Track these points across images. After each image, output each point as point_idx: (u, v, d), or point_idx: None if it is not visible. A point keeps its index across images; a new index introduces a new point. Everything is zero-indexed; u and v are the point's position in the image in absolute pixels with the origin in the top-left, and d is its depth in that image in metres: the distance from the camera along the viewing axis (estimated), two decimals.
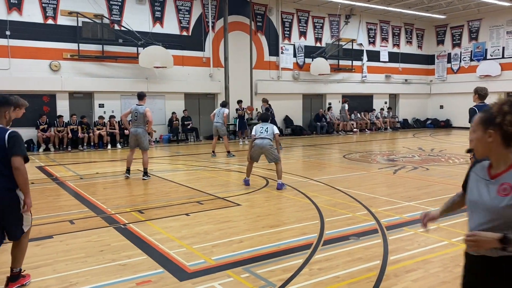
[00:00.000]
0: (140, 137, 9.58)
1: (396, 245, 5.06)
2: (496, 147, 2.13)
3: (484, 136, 2.14)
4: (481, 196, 2.20)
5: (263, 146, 8.38)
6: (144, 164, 9.64)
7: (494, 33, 24.63)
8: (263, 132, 8.44)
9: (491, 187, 2.15)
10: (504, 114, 2.06)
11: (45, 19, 16.37)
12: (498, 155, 2.14)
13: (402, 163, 11.80)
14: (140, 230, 5.75)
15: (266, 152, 8.44)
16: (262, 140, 8.38)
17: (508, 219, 2.06)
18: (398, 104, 27.31)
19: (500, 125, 2.07)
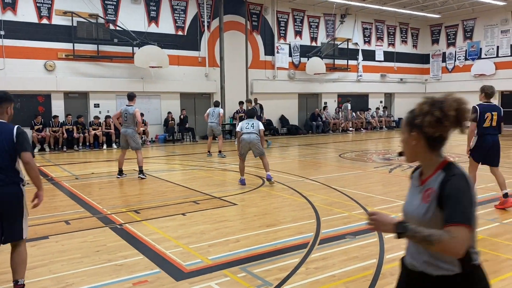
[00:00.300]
0: (130, 138, 9.64)
1: (392, 243, 5.08)
2: (421, 150, 1.94)
3: (409, 139, 1.96)
4: (411, 204, 2.01)
5: (250, 141, 8.60)
6: (139, 162, 9.66)
7: (488, 32, 24.75)
8: (249, 128, 8.67)
9: (419, 194, 1.97)
10: (424, 115, 1.88)
11: (40, 19, 16.30)
12: (424, 159, 1.97)
13: (398, 162, 11.84)
14: (136, 230, 5.74)
15: (253, 147, 8.69)
16: (249, 135, 8.62)
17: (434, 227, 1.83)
18: (393, 103, 27.40)
19: (420, 127, 1.88)
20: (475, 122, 6.49)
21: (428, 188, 1.90)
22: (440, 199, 1.83)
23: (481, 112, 6.53)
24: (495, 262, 4.50)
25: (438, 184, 1.85)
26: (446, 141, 1.94)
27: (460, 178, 1.84)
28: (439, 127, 1.85)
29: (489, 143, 6.58)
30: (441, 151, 1.95)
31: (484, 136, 6.56)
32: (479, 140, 6.61)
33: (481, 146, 6.60)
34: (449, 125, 1.86)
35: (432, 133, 1.87)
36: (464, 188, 1.82)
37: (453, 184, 1.82)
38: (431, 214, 1.86)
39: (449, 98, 1.88)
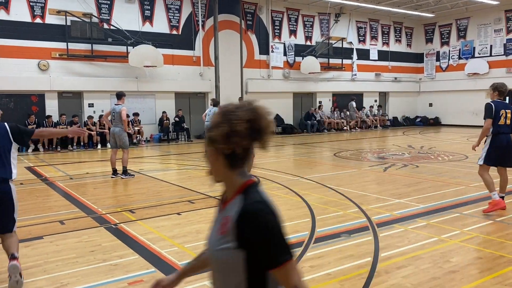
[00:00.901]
0: (117, 136, 9.77)
1: (387, 242, 5.11)
2: (220, 168, 1.62)
3: (210, 155, 1.64)
4: (211, 234, 1.69)
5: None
6: (123, 162, 9.71)
7: (482, 32, 24.89)
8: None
9: (218, 222, 1.66)
10: (216, 127, 1.56)
11: (33, 18, 16.20)
12: (225, 179, 1.65)
13: (392, 161, 11.89)
14: (131, 229, 5.73)
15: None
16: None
17: (226, 269, 1.55)
18: (388, 102, 27.49)
19: (215, 142, 1.57)
20: (491, 119, 6.16)
21: (226, 215, 1.59)
22: (241, 240, 1.51)
23: (496, 109, 6.20)
24: (489, 260, 4.54)
25: (235, 213, 1.54)
26: (249, 157, 1.62)
27: (259, 212, 1.52)
28: (229, 143, 1.53)
29: (504, 142, 6.23)
30: (244, 170, 1.62)
31: (499, 135, 6.22)
32: (494, 140, 6.23)
33: (496, 146, 6.22)
34: (241, 141, 1.53)
35: (224, 150, 1.56)
36: (267, 223, 1.52)
37: (254, 224, 1.50)
38: (226, 250, 1.54)
39: (242, 108, 1.56)
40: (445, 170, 10.20)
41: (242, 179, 1.61)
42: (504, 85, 6.34)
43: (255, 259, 1.51)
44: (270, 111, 1.62)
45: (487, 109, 6.21)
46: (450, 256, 4.63)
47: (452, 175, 9.54)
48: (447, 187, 8.29)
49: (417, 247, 4.92)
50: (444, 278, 4.06)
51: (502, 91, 6.28)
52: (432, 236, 5.29)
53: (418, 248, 4.87)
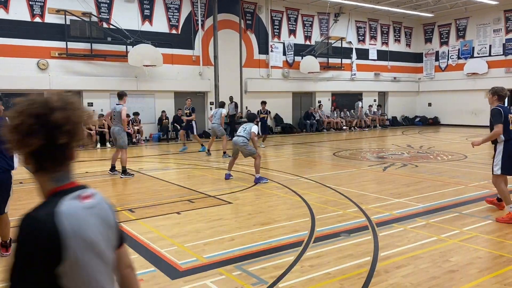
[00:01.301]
0: (116, 135, 9.76)
1: (386, 241, 5.11)
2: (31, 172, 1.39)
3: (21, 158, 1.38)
4: None
5: (236, 143, 9.01)
6: (122, 162, 9.70)
7: (481, 31, 24.91)
8: (241, 131, 9.12)
9: None
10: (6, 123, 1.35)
11: (33, 17, 16.18)
12: (38, 185, 1.42)
13: (392, 161, 11.90)
14: (131, 229, 5.73)
15: (240, 148, 8.99)
16: (237, 138, 9.04)
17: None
18: (387, 102, 27.51)
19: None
20: (501, 124, 5.76)
21: None
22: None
23: (505, 114, 5.83)
24: (488, 259, 4.54)
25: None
26: (64, 159, 1.39)
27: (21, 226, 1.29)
28: (15, 142, 1.32)
29: None
30: (60, 174, 1.39)
31: (510, 140, 5.86)
32: (507, 147, 5.86)
33: (510, 153, 5.87)
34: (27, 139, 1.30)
35: (13, 149, 1.33)
36: (19, 242, 1.28)
37: (16, 237, 1.28)
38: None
39: (34, 102, 1.34)
40: (444, 170, 10.21)
41: (52, 184, 1.37)
42: (503, 89, 6.07)
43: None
44: (77, 104, 1.38)
45: (496, 113, 5.84)
46: (450, 255, 4.63)
47: (451, 174, 9.55)
48: (446, 186, 8.29)
49: (417, 246, 4.93)
50: (444, 278, 4.07)
51: (502, 96, 6.02)
52: (432, 236, 5.30)
53: (417, 248, 4.88)
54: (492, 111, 5.90)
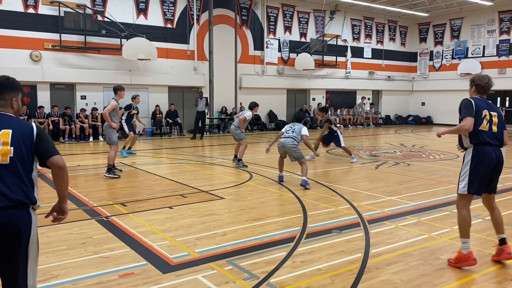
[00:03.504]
0: (105, 131, 9.31)
1: (378, 238, 5.14)
2: None
3: None
4: None
5: (285, 145, 8.37)
6: (108, 159, 9.06)
7: (475, 32, 25.06)
8: (289, 132, 8.49)
9: None
10: None
11: (26, 8, 16.02)
12: None
13: (384, 159, 11.96)
14: (122, 222, 5.71)
15: (288, 151, 8.39)
16: (285, 139, 8.40)
17: None
18: (380, 100, 27.61)
19: None
20: (472, 117, 4.14)
21: None
22: None
23: (477, 108, 4.19)
24: (478, 258, 4.57)
25: None
26: None
27: None
28: None
29: (492, 158, 4.19)
30: None
31: (483, 146, 4.19)
32: (476, 154, 4.20)
33: (480, 164, 4.18)
34: None
35: None
36: None
37: None
38: None
39: None
40: (436, 169, 10.28)
41: None
42: (485, 77, 4.37)
43: None
44: None
45: (466, 105, 4.21)
46: (440, 253, 4.67)
47: (443, 173, 9.62)
48: (438, 185, 8.35)
49: (407, 244, 4.96)
50: (434, 275, 4.10)
51: (481, 86, 4.35)
52: (423, 234, 5.34)
53: (408, 245, 4.91)
54: (461, 102, 4.26)
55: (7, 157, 2.52)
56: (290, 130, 8.55)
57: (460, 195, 4.36)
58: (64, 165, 2.74)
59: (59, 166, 2.72)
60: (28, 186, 2.60)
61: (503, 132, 4.33)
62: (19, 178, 2.55)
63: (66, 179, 2.79)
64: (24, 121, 2.80)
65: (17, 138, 2.58)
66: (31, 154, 2.65)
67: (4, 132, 2.56)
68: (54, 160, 2.70)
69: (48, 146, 2.73)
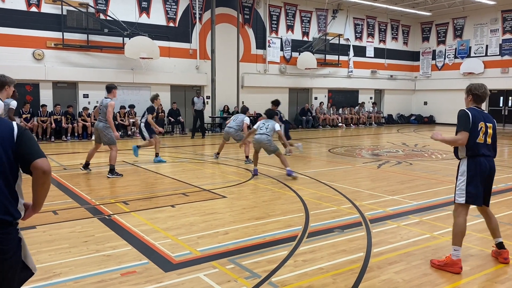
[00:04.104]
0: (101, 132, 8.95)
1: (380, 238, 5.14)
2: None
3: None
4: None
5: (260, 141, 8.93)
6: (110, 160, 8.92)
7: (478, 31, 24.99)
8: (262, 128, 9.03)
9: None
10: None
11: (29, 7, 16.04)
12: None
13: (386, 158, 11.94)
14: (125, 221, 5.72)
15: (264, 146, 8.95)
16: (261, 136, 8.94)
17: None
18: (383, 99, 27.57)
19: None
20: (467, 132, 4.19)
21: None
22: None
23: (474, 120, 4.22)
24: (480, 257, 4.58)
25: None
26: None
27: None
28: None
29: (487, 169, 4.27)
30: None
31: (479, 158, 4.25)
32: (472, 166, 4.26)
33: (475, 175, 4.24)
34: None
35: None
36: None
37: None
38: None
39: None
40: (439, 168, 10.26)
41: None
42: (482, 86, 4.41)
43: None
44: None
45: (462, 117, 4.25)
46: (442, 253, 4.67)
47: (445, 173, 9.60)
48: (440, 185, 8.34)
49: (409, 243, 4.96)
50: (435, 275, 4.10)
51: (479, 95, 4.38)
52: (425, 233, 5.33)
53: (410, 245, 4.91)
54: (458, 114, 4.30)
55: None
56: (263, 127, 9.05)
57: (457, 204, 4.41)
58: (49, 170, 2.35)
59: (43, 171, 2.32)
60: (9, 199, 2.25)
61: (496, 143, 4.42)
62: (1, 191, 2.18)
63: (47, 187, 2.42)
64: (3, 121, 2.35)
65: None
66: (13, 162, 2.27)
67: None
68: (39, 164, 2.30)
69: (32, 148, 2.33)
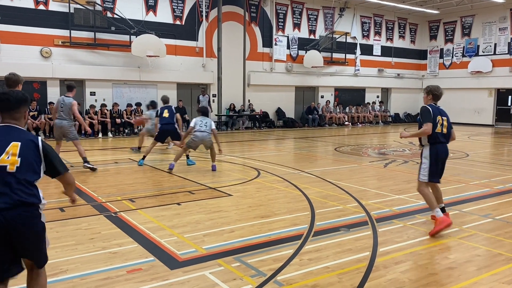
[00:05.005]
0: (65, 129, 9.23)
1: (386, 237, 5.12)
2: None
3: None
4: None
5: (204, 139, 9.22)
6: (80, 154, 9.28)
7: (486, 30, 24.78)
8: (202, 126, 9.25)
9: None
10: None
11: (36, 5, 16.13)
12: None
13: (393, 157, 11.89)
14: (131, 218, 5.74)
15: (206, 143, 9.32)
16: (203, 133, 9.20)
17: None
18: (390, 98, 27.44)
19: None
20: (431, 123, 5.35)
21: None
22: None
23: (434, 114, 5.42)
24: (487, 257, 4.55)
25: None
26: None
27: None
28: None
29: (444, 154, 5.52)
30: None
31: (437, 145, 5.44)
32: (433, 151, 5.42)
33: (437, 158, 5.46)
34: None
35: None
36: None
37: None
38: None
39: None
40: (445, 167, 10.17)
41: None
42: (439, 88, 5.65)
43: None
44: None
45: (425, 112, 5.44)
46: (449, 252, 4.64)
47: (452, 172, 9.54)
48: (447, 184, 8.28)
49: (416, 243, 4.93)
50: (442, 274, 4.07)
51: (437, 95, 5.62)
52: None
53: (416, 244, 4.88)
54: (421, 109, 5.53)
55: (14, 166, 2.84)
56: (203, 124, 9.28)
57: (420, 182, 5.56)
58: (73, 183, 3.28)
59: (69, 184, 3.27)
60: (32, 190, 2.89)
61: (451, 131, 5.60)
62: (23, 185, 2.84)
63: (74, 188, 3.36)
64: (30, 135, 3.07)
65: (24, 151, 2.90)
66: (36, 164, 2.94)
67: (14, 144, 2.90)
68: (65, 178, 3.20)
69: (57, 164, 3.08)
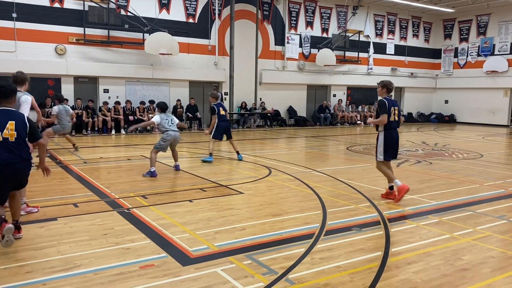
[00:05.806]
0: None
1: (398, 237, 5.09)
2: None
3: None
4: None
5: (176, 138, 8.97)
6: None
7: (502, 29, 24.41)
8: (172, 125, 8.92)
9: None
10: None
11: (52, 2, 16.31)
12: None
13: (406, 157, 11.79)
14: (143, 214, 5.79)
15: (177, 142, 9.10)
16: (176, 133, 8.92)
17: None
18: (403, 97, 27.20)
19: None
20: (386, 114, 6.67)
21: None
22: None
23: (388, 106, 6.71)
24: (502, 259, 4.49)
25: None
26: None
27: None
28: None
29: (395, 137, 6.93)
30: None
31: (391, 130, 6.83)
32: (387, 136, 6.83)
33: (390, 141, 6.87)
34: None
35: None
36: None
37: None
38: None
39: None
40: (459, 168, 10.09)
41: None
42: (391, 83, 6.94)
43: None
44: None
45: (382, 105, 6.68)
46: (462, 254, 4.59)
47: (466, 173, 9.44)
48: (460, 185, 8.20)
49: (429, 243, 4.89)
50: (455, 276, 4.04)
51: (390, 89, 6.88)
52: (444, 233, 5.25)
53: (429, 245, 4.84)
54: (379, 102, 6.81)
55: (13, 138, 4.47)
56: (171, 123, 8.92)
57: (378, 162, 7.04)
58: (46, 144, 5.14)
59: (41, 144, 4.81)
60: (26, 151, 4.59)
61: (400, 117, 6.98)
62: (21, 148, 4.53)
63: (45, 150, 4.98)
64: (20, 115, 4.70)
65: (18, 126, 4.52)
66: (24, 133, 4.57)
67: (11, 123, 4.50)
68: (41, 142, 4.78)
69: (36, 133, 4.71)
